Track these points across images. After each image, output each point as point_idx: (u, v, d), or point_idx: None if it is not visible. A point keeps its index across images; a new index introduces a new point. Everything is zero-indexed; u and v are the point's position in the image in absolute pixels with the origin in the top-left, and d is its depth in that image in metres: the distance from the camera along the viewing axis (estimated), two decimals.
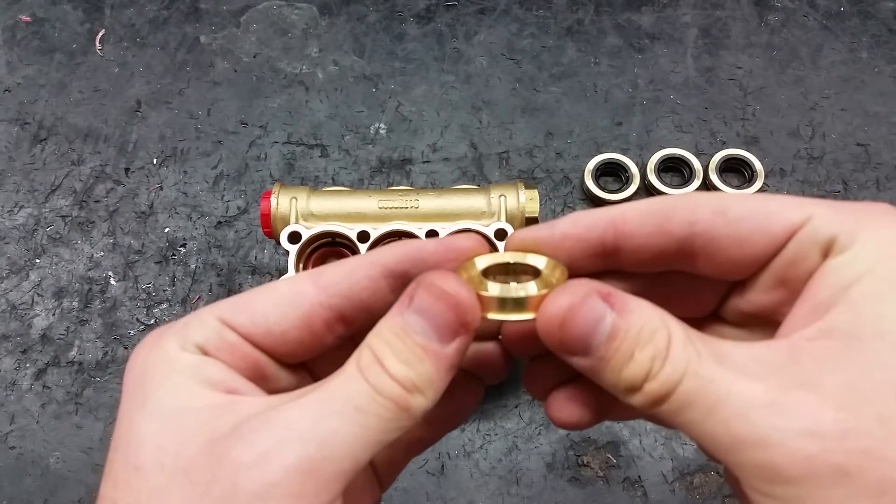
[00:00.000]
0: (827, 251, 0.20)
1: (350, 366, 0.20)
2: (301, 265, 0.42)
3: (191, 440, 0.19)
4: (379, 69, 0.62)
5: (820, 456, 0.17)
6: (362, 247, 0.40)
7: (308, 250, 0.43)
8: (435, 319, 0.20)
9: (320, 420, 0.19)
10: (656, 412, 0.19)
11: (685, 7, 0.64)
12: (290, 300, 0.22)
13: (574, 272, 0.22)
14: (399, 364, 0.19)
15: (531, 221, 0.44)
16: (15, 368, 0.49)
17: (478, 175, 0.56)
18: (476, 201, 0.43)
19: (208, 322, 0.22)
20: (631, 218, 0.22)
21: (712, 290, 0.24)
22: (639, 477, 0.45)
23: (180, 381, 0.21)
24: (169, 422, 0.20)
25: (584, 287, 0.20)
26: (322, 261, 0.42)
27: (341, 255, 0.41)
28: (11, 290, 0.52)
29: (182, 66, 0.62)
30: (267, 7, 0.65)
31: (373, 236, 0.41)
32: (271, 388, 0.23)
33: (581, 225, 0.22)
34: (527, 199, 0.43)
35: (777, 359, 0.19)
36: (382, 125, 0.59)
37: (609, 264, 0.23)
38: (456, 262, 0.22)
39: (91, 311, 0.51)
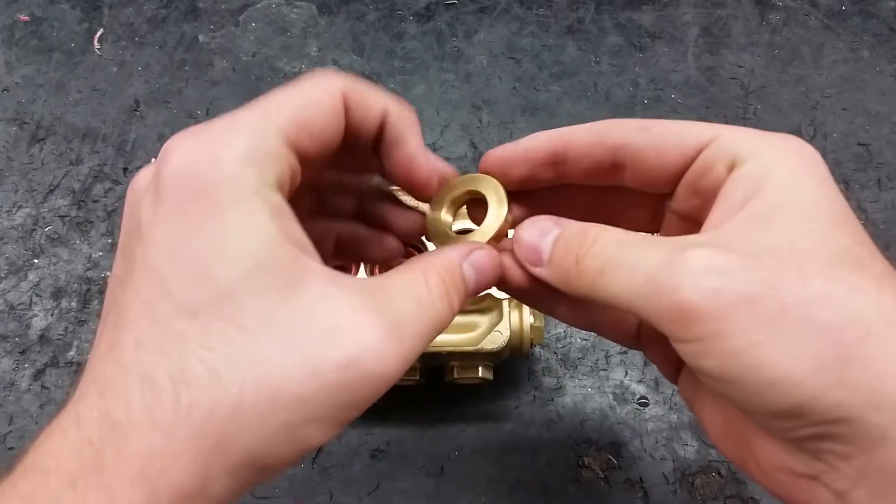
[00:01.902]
0: (732, 165, 0.24)
1: (420, 288, 0.23)
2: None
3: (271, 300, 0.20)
4: (378, 68, 0.61)
5: (726, 288, 0.20)
6: None
7: None
8: (481, 279, 0.26)
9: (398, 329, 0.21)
10: (596, 293, 0.24)
11: (686, 6, 0.64)
12: (335, 112, 0.23)
13: (534, 180, 0.29)
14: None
15: None
16: (13, 369, 0.49)
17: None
18: None
19: (282, 152, 0.21)
20: (577, 133, 0.27)
21: (647, 207, 0.28)
22: (640, 478, 0.45)
23: (263, 227, 0.20)
24: (253, 270, 0.19)
25: (543, 217, 0.27)
26: None
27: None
28: (10, 291, 0.52)
29: (181, 65, 0.62)
30: (266, 6, 0.65)
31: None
32: None
33: (539, 139, 0.28)
34: None
35: (693, 239, 0.23)
36: None
37: (559, 174, 0.28)
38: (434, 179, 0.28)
39: (90, 312, 0.51)
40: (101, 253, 0.53)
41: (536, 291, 0.27)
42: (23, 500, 0.17)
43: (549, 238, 0.25)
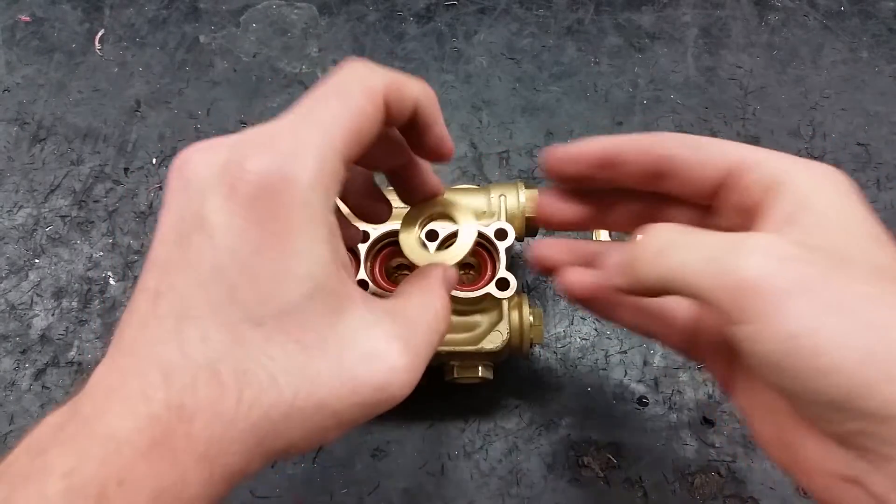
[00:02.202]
0: (771, 186, 0.25)
1: (426, 296, 0.27)
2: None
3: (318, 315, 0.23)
4: None
5: (786, 271, 0.21)
6: (362, 247, 0.40)
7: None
8: (449, 288, 0.29)
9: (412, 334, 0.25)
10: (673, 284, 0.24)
11: (685, 6, 0.64)
12: (379, 116, 0.24)
13: (587, 180, 0.31)
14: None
15: (531, 221, 0.43)
16: (14, 369, 0.49)
17: (478, 174, 0.56)
18: (476, 201, 0.43)
19: (340, 170, 0.23)
20: (630, 140, 0.30)
21: (690, 221, 0.30)
22: (639, 477, 0.45)
23: (322, 254, 0.22)
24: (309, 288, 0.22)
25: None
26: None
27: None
28: (10, 291, 0.52)
29: (181, 65, 0.62)
30: (266, 7, 0.65)
31: (373, 236, 0.40)
32: None
33: (594, 142, 0.30)
34: (527, 199, 0.43)
35: (750, 232, 0.25)
36: None
37: (611, 177, 0.30)
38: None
39: (90, 312, 0.51)
40: (101, 253, 0.53)
41: (600, 298, 0.31)
42: (99, 463, 0.19)
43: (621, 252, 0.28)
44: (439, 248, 0.34)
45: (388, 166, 0.30)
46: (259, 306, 0.21)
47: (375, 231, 0.40)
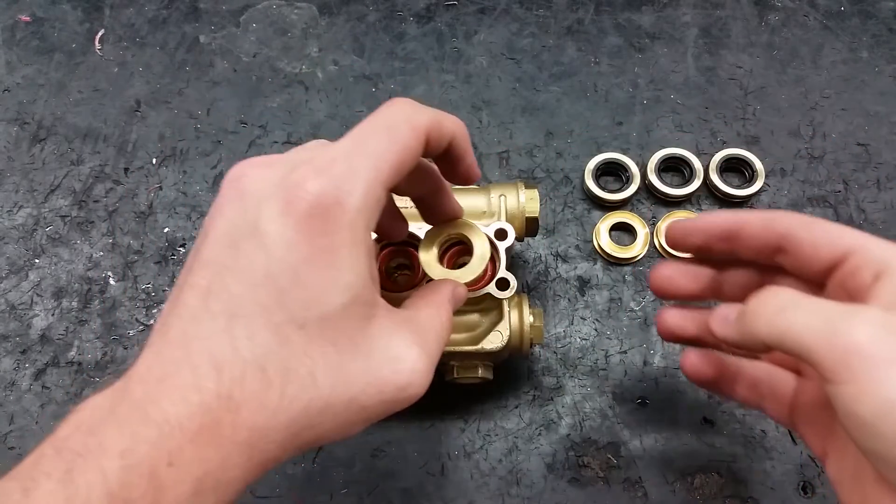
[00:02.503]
0: (879, 272, 0.28)
1: (433, 308, 0.31)
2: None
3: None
4: (379, 69, 0.62)
5: (894, 340, 0.24)
6: None
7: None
8: (457, 304, 0.33)
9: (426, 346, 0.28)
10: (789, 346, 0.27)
11: (685, 7, 0.64)
12: (420, 152, 0.27)
13: (708, 250, 0.35)
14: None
15: (531, 221, 0.43)
16: (14, 369, 0.49)
17: None
18: (476, 201, 0.43)
19: (383, 197, 0.26)
20: (752, 216, 0.33)
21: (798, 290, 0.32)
22: (639, 477, 0.45)
23: (361, 269, 0.25)
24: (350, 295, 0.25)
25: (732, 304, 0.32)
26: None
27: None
28: (11, 291, 0.52)
29: (181, 65, 0.62)
30: (266, 7, 0.65)
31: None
32: None
33: (719, 215, 0.35)
34: (527, 199, 0.43)
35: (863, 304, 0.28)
36: None
37: (730, 249, 0.34)
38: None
39: (90, 312, 0.51)
40: (101, 253, 0.53)
41: (718, 378, 0.36)
42: (152, 445, 0.21)
43: (735, 310, 0.31)
44: (455, 265, 0.38)
45: (419, 193, 0.33)
46: (303, 311, 0.24)
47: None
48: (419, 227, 0.37)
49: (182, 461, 0.21)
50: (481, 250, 0.36)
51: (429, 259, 0.36)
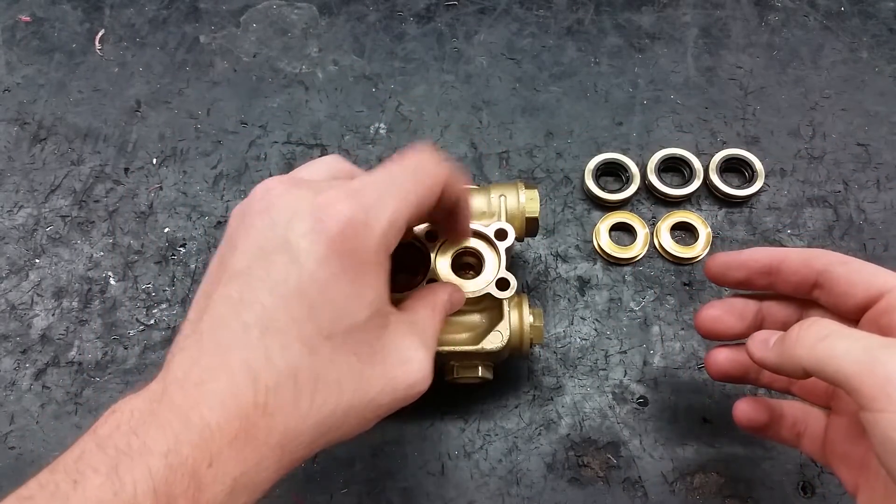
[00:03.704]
0: None
1: (428, 310, 0.34)
2: None
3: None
4: (379, 69, 0.62)
5: None
6: None
7: None
8: (452, 308, 0.36)
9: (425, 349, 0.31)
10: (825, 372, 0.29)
11: (685, 7, 0.64)
12: (437, 196, 0.31)
13: (748, 284, 0.38)
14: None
15: (531, 221, 0.43)
16: (14, 368, 0.49)
17: (478, 175, 0.56)
18: (476, 201, 0.43)
19: (403, 228, 0.29)
20: (791, 252, 0.36)
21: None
22: (639, 477, 0.45)
23: (380, 287, 0.28)
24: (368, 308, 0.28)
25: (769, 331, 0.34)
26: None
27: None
28: (11, 291, 0.52)
29: (182, 65, 0.62)
30: (266, 7, 0.65)
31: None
32: None
33: (760, 252, 0.37)
34: (527, 199, 0.43)
35: None
36: (382, 125, 0.59)
37: (770, 283, 0.37)
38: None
39: (91, 312, 0.51)
40: (102, 253, 0.53)
41: (769, 423, 0.37)
42: (193, 447, 0.23)
43: (775, 336, 0.32)
44: (456, 265, 0.40)
45: (437, 220, 0.38)
46: (331, 324, 0.26)
47: None
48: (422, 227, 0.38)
49: (220, 462, 0.23)
50: (491, 273, 0.39)
51: (443, 266, 0.39)
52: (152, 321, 0.51)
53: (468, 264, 0.42)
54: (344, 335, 0.27)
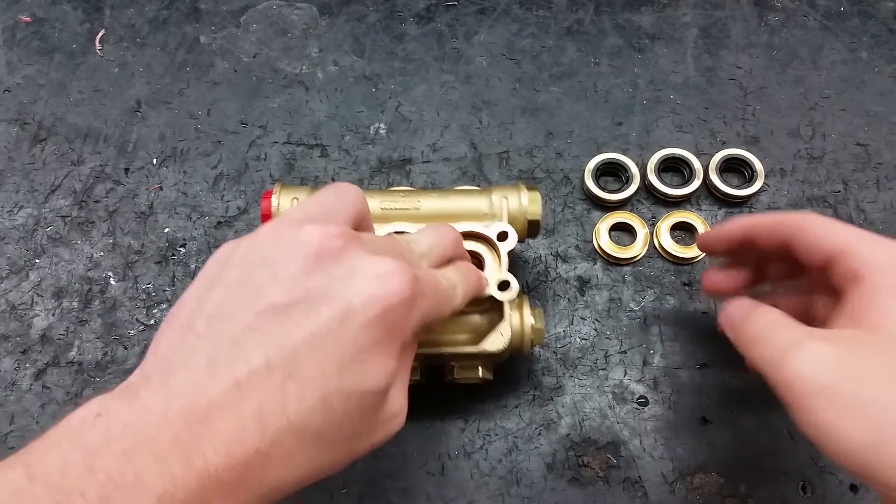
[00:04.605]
0: (852, 278, 0.32)
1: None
2: None
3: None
4: (379, 69, 0.62)
5: (819, 377, 0.29)
6: None
7: None
8: (469, 293, 0.36)
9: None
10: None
11: (685, 7, 0.64)
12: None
13: (734, 254, 0.43)
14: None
15: (533, 224, 0.43)
16: (14, 369, 0.49)
17: (478, 175, 0.56)
18: (478, 203, 0.43)
19: (421, 324, 0.30)
20: (759, 219, 0.38)
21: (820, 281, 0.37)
22: (639, 477, 0.45)
23: (403, 360, 0.30)
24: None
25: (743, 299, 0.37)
26: None
27: None
28: (11, 291, 0.52)
29: (182, 66, 0.62)
30: (267, 7, 0.65)
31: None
32: None
33: (735, 222, 0.40)
34: (529, 201, 0.43)
35: (817, 332, 0.32)
36: (382, 125, 0.59)
37: (750, 248, 0.39)
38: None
39: (91, 312, 0.51)
40: (102, 253, 0.54)
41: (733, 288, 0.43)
42: (189, 493, 0.22)
43: (738, 309, 0.36)
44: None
45: None
46: (353, 384, 0.26)
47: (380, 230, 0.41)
48: (410, 227, 0.38)
49: (235, 483, 0.23)
50: (492, 275, 0.40)
51: None
52: (152, 321, 0.51)
53: None
54: (360, 398, 0.27)
